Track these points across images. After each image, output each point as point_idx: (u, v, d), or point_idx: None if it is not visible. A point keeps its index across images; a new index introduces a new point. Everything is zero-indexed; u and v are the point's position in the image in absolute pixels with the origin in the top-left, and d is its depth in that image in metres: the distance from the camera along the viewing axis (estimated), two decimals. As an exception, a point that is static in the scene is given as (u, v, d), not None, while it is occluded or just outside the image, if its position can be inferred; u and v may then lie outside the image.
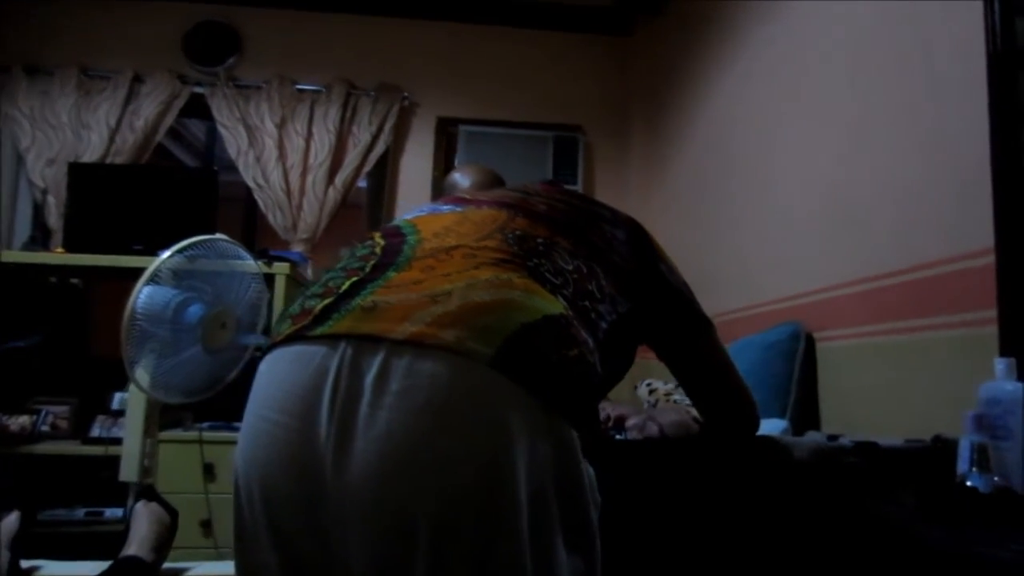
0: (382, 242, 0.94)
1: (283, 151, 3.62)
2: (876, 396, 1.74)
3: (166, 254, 2.03)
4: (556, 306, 0.84)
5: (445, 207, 1.03)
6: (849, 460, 1.24)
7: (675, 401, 1.92)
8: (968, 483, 1.10)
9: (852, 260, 1.89)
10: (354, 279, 0.87)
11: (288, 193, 3.58)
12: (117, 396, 3.14)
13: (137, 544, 1.32)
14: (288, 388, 0.80)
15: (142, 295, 1.99)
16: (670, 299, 1.11)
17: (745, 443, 1.21)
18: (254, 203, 3.68)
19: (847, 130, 1.97)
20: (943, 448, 1.28)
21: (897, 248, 1.68)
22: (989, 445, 1.11)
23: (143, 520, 1.41)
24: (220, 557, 2.65)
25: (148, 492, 1.56)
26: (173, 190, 3.17)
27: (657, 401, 1.94)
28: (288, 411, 0.79)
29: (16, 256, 3.01)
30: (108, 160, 3.49)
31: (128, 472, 2.04)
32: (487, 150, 3.80)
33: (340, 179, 3.62)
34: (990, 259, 1.33)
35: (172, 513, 1.53)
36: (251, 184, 3.61)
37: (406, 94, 3.79)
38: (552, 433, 0.76)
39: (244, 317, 2.25)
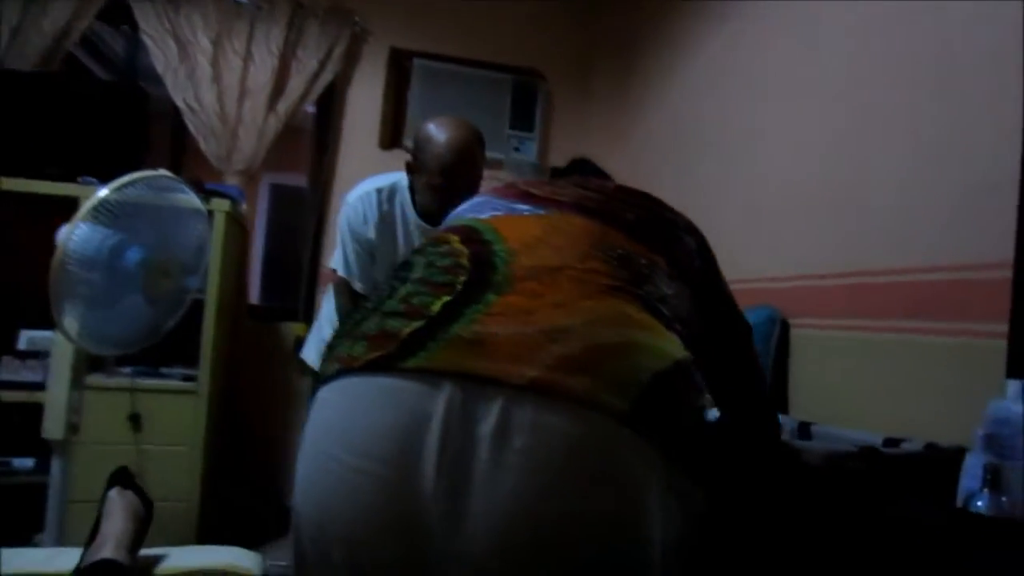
0: (464, 249, 0.81)
1: (218, 71, 3.30)
2: (849, 388, 1.75)
3: (104, 191, 1.81)
4: (678, 347, 0.75)
5: (522, 207, 0.90)
6: (853, 466, 1.23)
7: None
8: (979, 503, 1.11)
9: (838, 251, 1.87)
10: (446, 299, 0.74)
11: (223, 118, 3.29)
12: (25, 335, 2.87)
13: (113, 544, 1.17)
14: (376, 430, 0.68)
15: (76, 234, 1.78)
16: (723, 306, 1.05)
17: (760, 445, 1.17)
18: (182, 125, 3.37)
19: (848, 115, 1.92)
20: (939, 457, 1.29)
21: (895, 246, 1.66)
22: (1002, 466, 1.11)
23: (119, 514, 1.26)
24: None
25: (123, 477, 1.40)
26: (94, 106, 2.85)
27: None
28: (378, 458, 0.67)
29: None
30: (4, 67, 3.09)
31: (53, 428, 1.85)
32: (442, 89, 3.60)
33: (282, 107, 3.34)
34: (993, 273, 1.33)
35: (147, 504, 1.39)
36: (181, 105, 3.29)
37: (358, 19, 3.51)
38: (683, 498, 0.68)
39: (189, 263, 2.06)
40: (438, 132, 1.87)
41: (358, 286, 2.03)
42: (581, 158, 1.27)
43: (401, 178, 2.05)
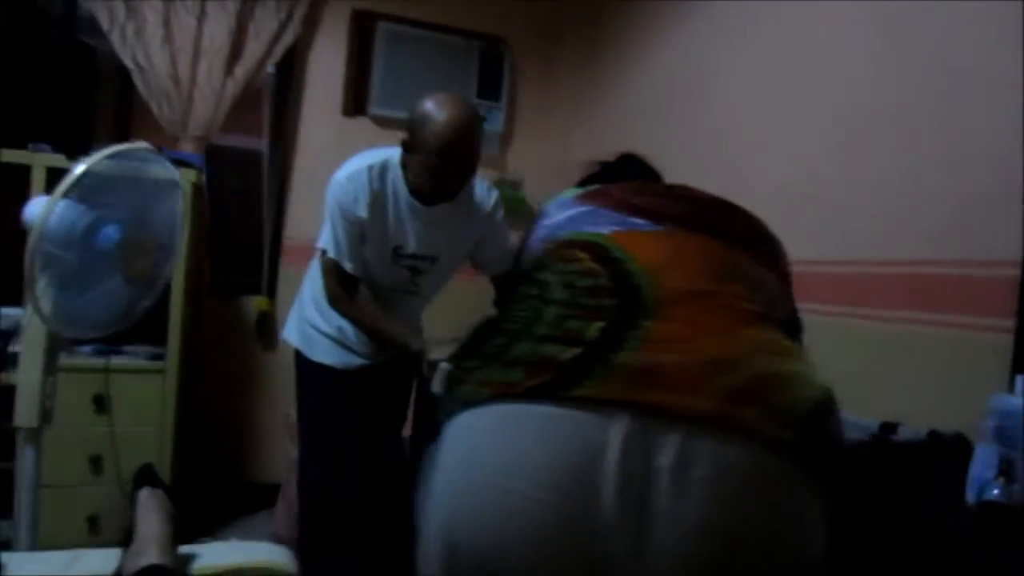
0: (599, 268, 0.78)
1: (170, 31, 3.11)
2: (847, 376, 1.81)
3: (82, 166, 1.69)
4: (819, 374, 0.76)
5: (638, 221, 0.88)
6: (865, 453, 1.28)
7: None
8: (994, 492, 1.17)
9: (825, 238, 1.92)
10: (600, 324, 0.72)
11: (176, 81, 3.11)
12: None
13: (156, 548, 1.11)
14: (549, 460, 0.67)
15: (55, 213, 1.67)
16: (793, 311, 1.06)
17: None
18: (128, 87, 3.17)
19: (841, 102, 1.96)
20: (942, 445, 1.35)
21: (887, 238, 1.72)
22: (1017, 457, 1.17)
23: (154, 515, 1.20)
24: (111, 496, 2.41)
25: (148, 476, 1.33)
26: (37, 65, 2.66)
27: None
28: (553, 488, 0.66)
29: None
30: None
31: (25, 416, 1.76)
32: (408, 54, 3.48)
33: (240, 70, 3.18)
34: (998, 270, 1.39)
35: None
36: (129, 64, 3.08)
37: (319, -22, 3.37)
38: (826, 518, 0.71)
39: (166, 240, 1.96)
40: (437, 111, 1.81)
41: (348, 267, 1.97)
42: (628, 153, 1.25)
43: (393, 155, 1.99)
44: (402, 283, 2.10)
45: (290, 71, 3.36)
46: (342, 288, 2.00)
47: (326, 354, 2.18)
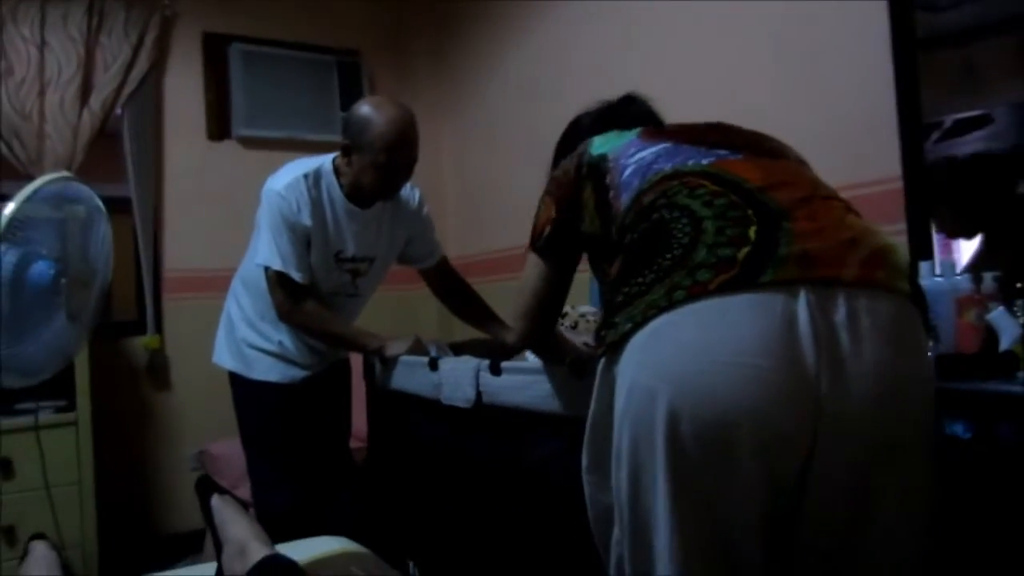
0: (724, 190, 0.96)
1: (8, 61, 2.87)
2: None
3: (11, 206, 1.59)
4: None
5: (722, 152, 1.06)
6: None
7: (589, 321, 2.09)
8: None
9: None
10: (754, 227, 0.91)
11: (24, 116, 2.87)
12: None
13: (260, 542, 1.10)
14: (759, 335, 0.84)
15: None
16: None
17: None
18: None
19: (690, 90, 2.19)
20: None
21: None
22: (938, 326, 1.48)
23: (238, 517, 1.17)
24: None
25: (209, 484, 1.28)
26: None
27: (576, 324, 2.09)
28: (773, 354, 0.84)
29: None
30: None
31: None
32: (266, 73, 3.44)
33: (97, 101, 2.99)
34: (882, 187, 1.72)
35: None
36: (-37, 103, 2.81)
37: (167, 2, 3.23)
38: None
39: (104, 271, 1.86)
40: (376, 112, 1.89)
41: (296, 276, 1.97)
42: (631, 95, 1.38)
43: (323, 162, 2.03)
44: (344, 287, 2.13)
45: (147, 100, 3.19)
46: (292, 299, 2.00)
47: (268, 371, 2.16)
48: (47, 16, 2.95)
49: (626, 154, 1.09)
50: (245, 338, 2.17)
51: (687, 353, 0.86)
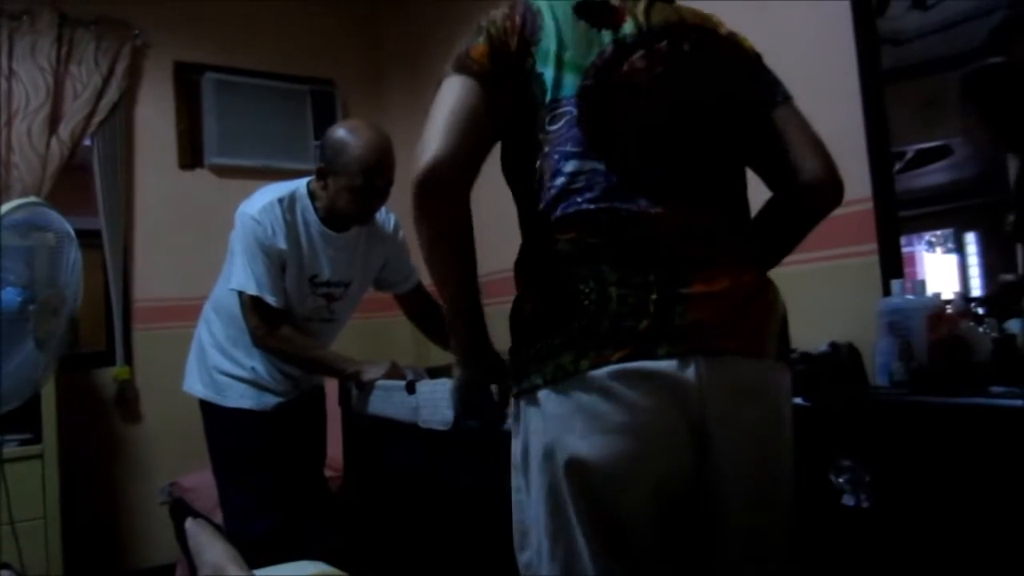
0: (633, 252, 1.03)
1: (-26, 92, 2.84)
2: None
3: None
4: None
5: (648, 203, 1.05)
6: (800, 368, 1.56)
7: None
8: (901, 371, 1.49)
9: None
10: (654, 295, 1.02)
11: (-10, 145, 2.83)
12: None
13: (235, 565, 1.07)
14: (652, 391, 0.99)
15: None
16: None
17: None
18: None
19: None
20: (845, 351, 1.67)
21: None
22: (912, 341, 1.50)
23: (215, 541, 1.14)
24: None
25: (184, 508, 1.25)
26: None
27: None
28: (661, 411, 0.99)
29: None
30: None
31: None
32: (238, 102, 3.43)
33: (66, 130, 2.96)
34: (854, 208, 1.75)
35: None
36: (-73, 133, 2.77)
37: (137, 31, 3.22)
38: None
39: (73, 297, 1.83)
40: (353, 135, 1.89)
41: (271, 300, 1.95)
42: None
43: (298, 186, 2.02)
44: (319, 311, 2.12)
45: (118, 129, 3.17)
46: (267, 324, 1.98)
47: (241, 398, 2.12)
48: (15, 46, 2.93)
49: (559, 140, 1.05)
50: (217, 365, 2.14)
51: (586, 412, 0.95)
